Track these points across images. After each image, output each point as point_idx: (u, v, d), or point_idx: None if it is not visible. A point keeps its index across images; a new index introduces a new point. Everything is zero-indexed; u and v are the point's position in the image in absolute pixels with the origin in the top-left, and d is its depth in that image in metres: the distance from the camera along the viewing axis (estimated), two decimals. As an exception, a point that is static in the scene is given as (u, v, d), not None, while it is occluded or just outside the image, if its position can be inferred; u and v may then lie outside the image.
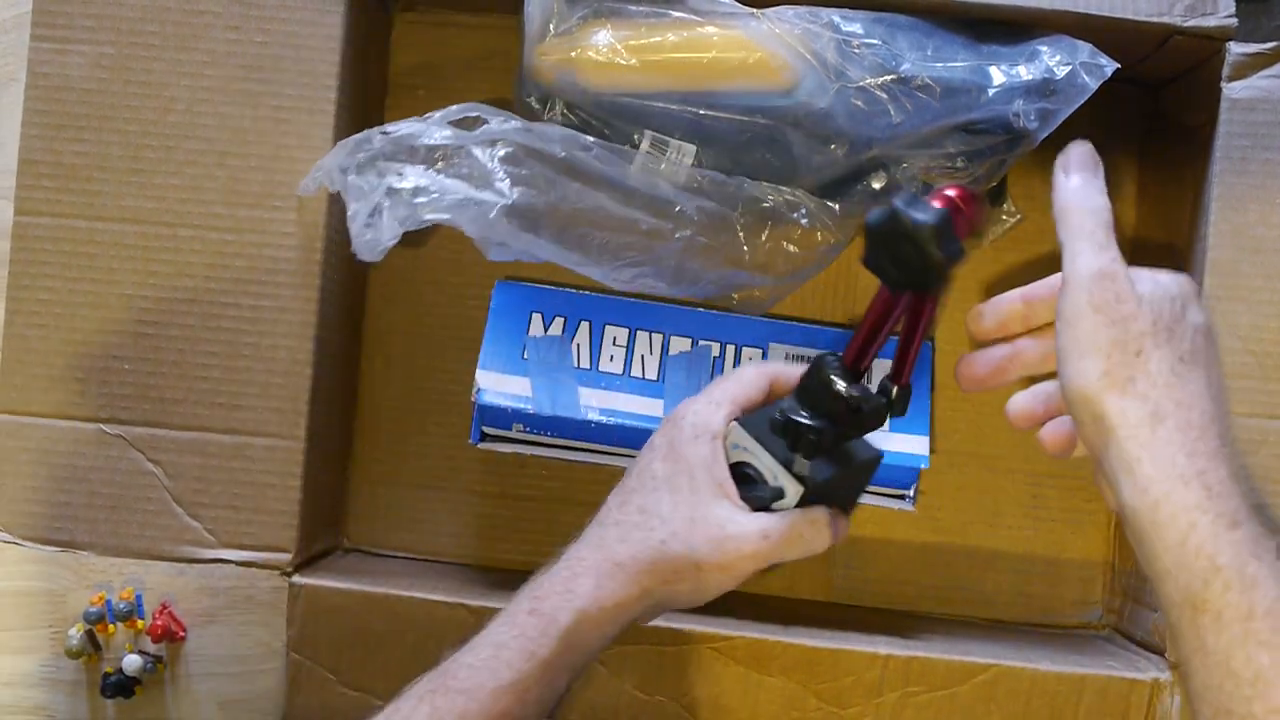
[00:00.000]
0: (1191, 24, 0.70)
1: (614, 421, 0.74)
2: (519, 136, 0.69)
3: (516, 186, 0.68)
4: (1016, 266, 0.82)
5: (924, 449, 0.76)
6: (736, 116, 0.69)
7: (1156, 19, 0.69)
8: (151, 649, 0.81)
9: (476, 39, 0.83)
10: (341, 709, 0.70)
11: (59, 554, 0.75)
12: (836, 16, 0.69)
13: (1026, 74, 0.69)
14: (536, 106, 0.71)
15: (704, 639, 0.71)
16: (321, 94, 0.72)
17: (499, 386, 0.75)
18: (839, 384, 0.57)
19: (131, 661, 0.79)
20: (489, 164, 0.68)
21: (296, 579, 0.71)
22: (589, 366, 0.76)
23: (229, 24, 0.72)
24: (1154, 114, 0.82)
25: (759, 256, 0.74)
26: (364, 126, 0.78)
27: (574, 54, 0.69)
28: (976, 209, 0.53)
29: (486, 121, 0.69)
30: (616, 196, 0.70)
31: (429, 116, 0.70)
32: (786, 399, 0.59)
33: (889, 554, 0.82)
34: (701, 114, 0.69)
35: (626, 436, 0.75)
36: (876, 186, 0.72)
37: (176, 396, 0.72)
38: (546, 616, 0.54)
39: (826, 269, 0.78)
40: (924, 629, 0.77)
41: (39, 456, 0.72)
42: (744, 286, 0.76)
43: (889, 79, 0.68)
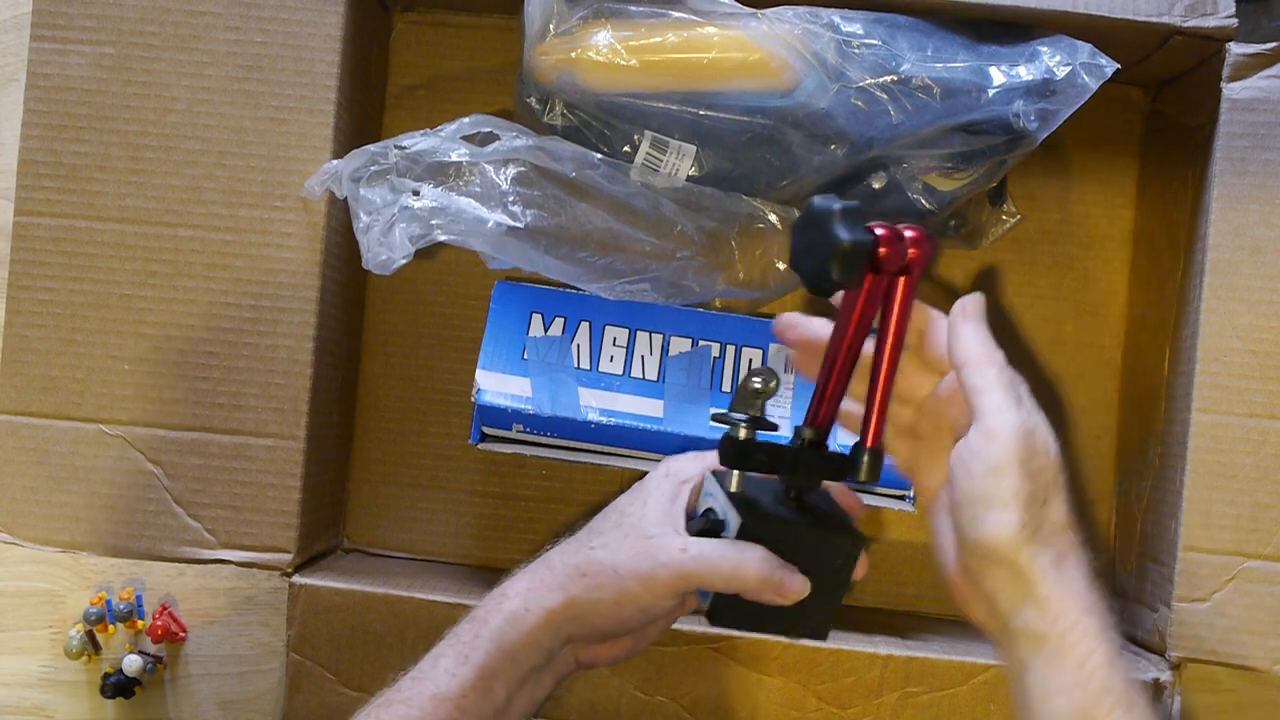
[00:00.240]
0: (1191, 24, 0.70)
1: (614, 421, 0.74)
2: (530, 155, 0.70)
3: (529, 209, 0.70)
4: (1017, 266, 0.82)
5: (924, 449, 0.76)
6: (736, 117, 0.69)
7: (1156, 19, 0.69)
8: (151, 649, 0.81)
9: (476, 39, 0.83)
10: (341, 709, 0.70)
11: (59, 554, 0.75)
12: (836, 17, 0.69)
13: (1026, 74, 0.69)
14: (536, 107, 0.71)
15: (704, 639, 0.71)
16: (321, 94, 0.72)
17: (499, 386, 0.75)
18: (736, 416, 0.55)
19: (131, 662, 0.79)
20: (502, 184, 0.70)
21: (296, 579, 0.71)
22: (589, 367, 0.76)
23: (229, 24, 0.72)
24: (1154, 114, 0.82)
25: (752, 273, 0.75)
26: (364, 127, 0.78)
27: (574, 54, 0.69)
28: (914, 246, 0.51)
29: (498, 136, 0.70)
30: (623, 217, 0.72)
31: (441, 130, 0.70)
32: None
33: (889, 554, 0.82)
34: (701, 114, 0.69)
35: (626, 436, 0.75)
36: (876, 186, 0.72)
37: (176, 396, 0.72)
38: (479, 621, 0.56)
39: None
40: (924, 629, 0.77)
41: (39, 456, 0.72)
42: (734, 299, 0.78)
43: (889, 79, 0.68)
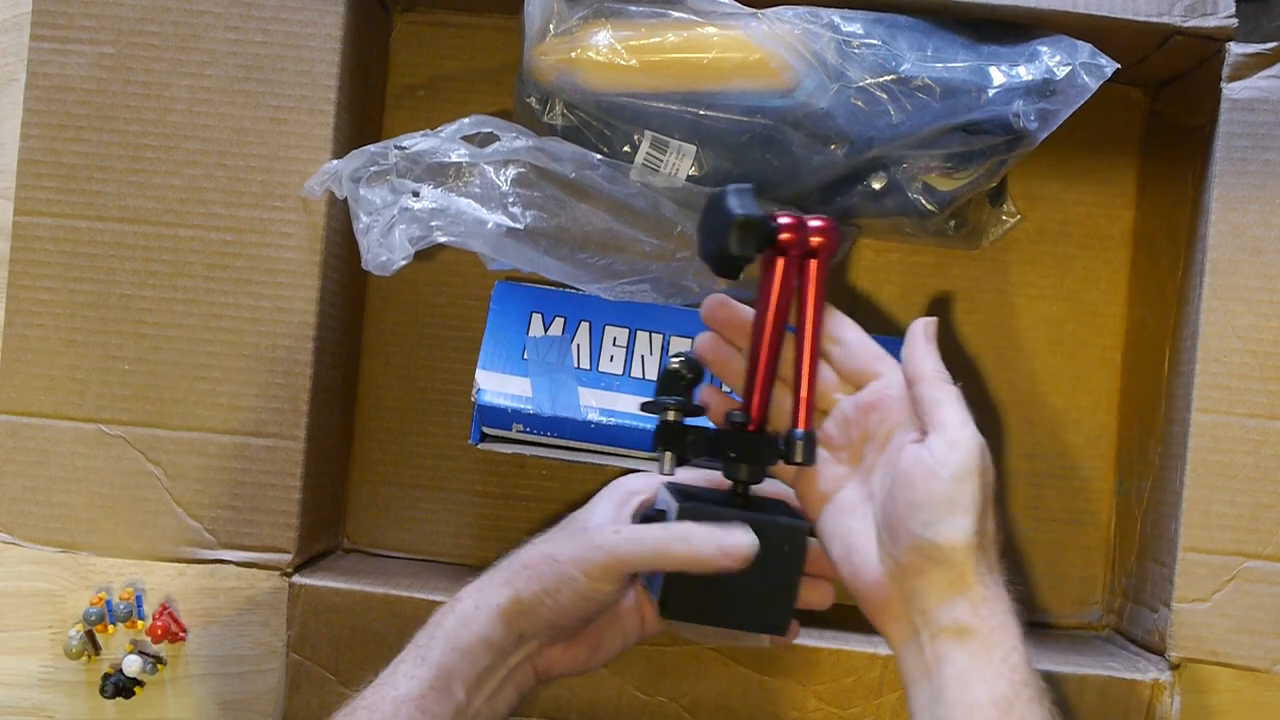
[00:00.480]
0: (1191, 24, 0.70)
1: (614, 421, 0.74)
2: (530, 156, 0.70)
3: (529, 210, 0.70)
4: (1017, 266, 0.82)
5: (924, 449, 0.76)
6: (736, 117, 0.69)
7: (1156, 19, 0.69)
8: (151, 649, 0.81)
9: (476, 39, 0.83)
10: (341, 709, 0.70)
11: (59, 554, 0.75)
12: (836, 16, 0.69)
13: (1026, 74, 0.69)
14: (536, 107, 0.71)
15: (704, 639, 0.71)
16: (321, 94, 0.72)
17: (499, 386, 0.75)
18: (664, 400, 0.58)
19: (131, 662, 0.79)
20: (502, 185, 0.70)
21: (296, 579, 0.71)
22: (589, 367, 0.76)
23: (229, 24, 0.72)
24: (1154, 114, 0.82)
25: (752, 273, 0.75)
26: (364, 127, 0.78)
27: (574, 54, 0.69)
28: (819, 235, 0.57)
29: (498, 137, 0.70)
30: (623, 218, 0.72)
31: (441, 131, 0.70)
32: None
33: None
34: (701, 114, 0.69)
35: (626, 436, 0.75)
36: (876, 187, 0.72)
37: (176, 396, 0.72)
38: (434, 624, 0.57)
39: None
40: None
41: (39, 456, 0.72)
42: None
43: (889, 79, 0.68)
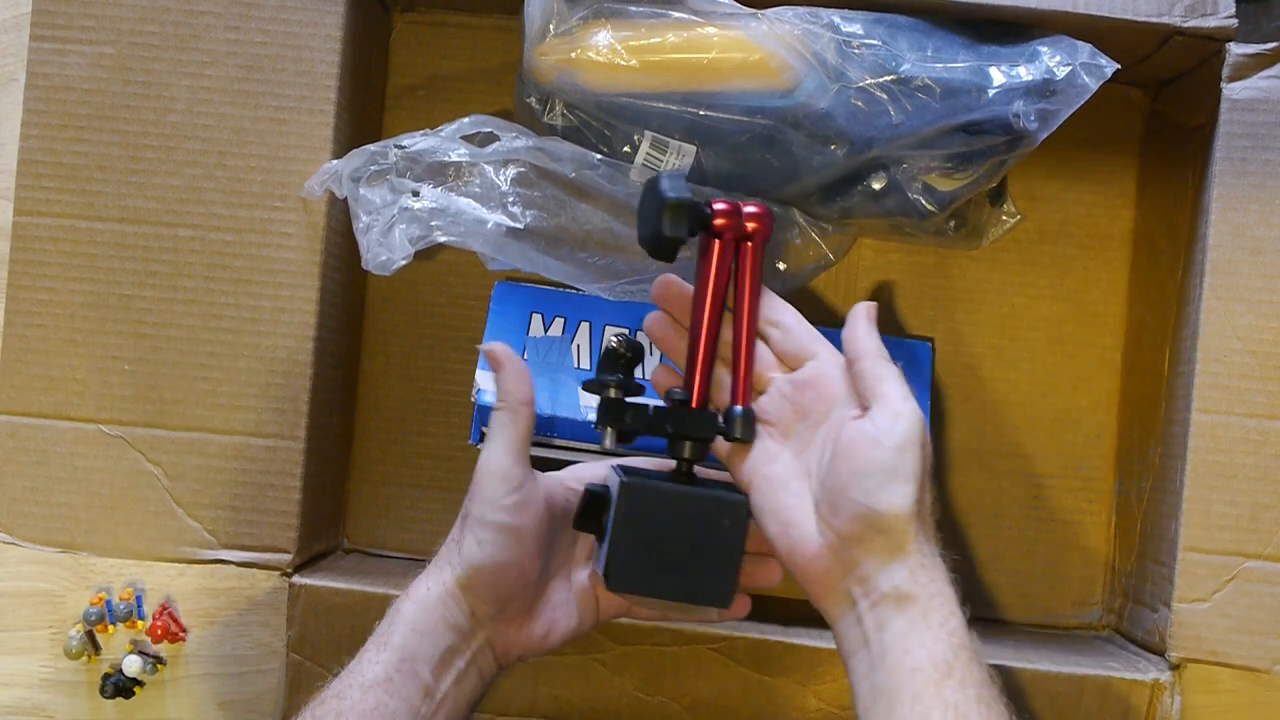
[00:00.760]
0: (1191, 24, 0.70)
1: (614, 422, 0.74)
2: (530, 156, 0.70)
3: (529, 210, 0.70)
4: (1017, 266, 0.82)
5: (924, 449, 0.76)
6: (736, 117, 0.69)
7: (1156, 19, 0.69)
8: (151, 649, 0.81)
9: (476, 39, 0.83)
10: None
11: (59, 554, 0.75)
12: (836, 17, 0.69)
13: (1026, 74, 0.69)
14: (536, 107, 0.71)
15: (704, 639, 0.71)
16: (321, 94, 0.72)
17: (499, 387, 0.75)
18: (605, 378, 0.61)
19: (131, 662, 0.79)
20: (502, 185, 0.70)
21: (296, 579, 0.71)
22: (589, 367, 0.76)
23: (229, 24, 0.72)
24: (1154, 114, 0.82)
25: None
26: (364, 127, 0.78)
27: (574, 54, 0.69)
28: (753, 220, 0.59)
29: (498, 137, 0.70)
30: (623, 218, 0.72)
31: (442, 130, 0.70)
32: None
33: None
34: (701, 114, 0.69)
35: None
36: (876, 187, 0.72)
37: (176, 396, 0.72)
38: (391, 611, 0.59)
39: (826, 270, 0.78)
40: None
41: (39, 456, 0.72)
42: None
43: (889, 79, 0.68)
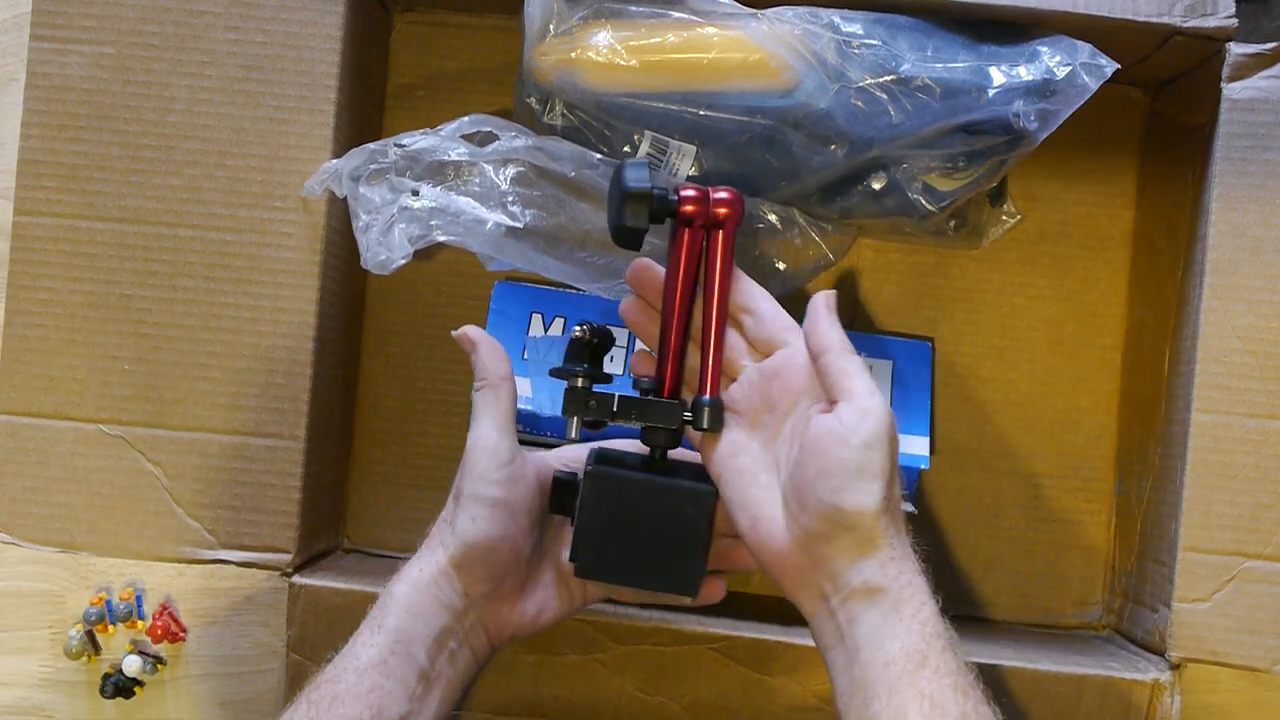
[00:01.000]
0: (1191, 24, 0.70)
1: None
2: (530, 155, 0.70)
3: (528, 209, 0.70)
4: (1017, 266, 0.82)
5: (924, 449, 0.76)
6: (736, 117, 0.69)
7: (1156, 19, 0.69)
8: (152, 649, 0.81)
9: (476, 39, 0.83)
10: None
11: (59, 554, 0.75)
12: (836, 17, 0.69)
13: (1026, 74, 0.69)
14: (536, 107, 0.71)
15: (704, 639, 0.71)
16: (321, 94, 0.72)
17: (499, 386, 0.75)
18: (571, 367, 0.62)
19: (131, 662, 0.79)
20: (501, 184, 0.70)
21: (296, 579, 0.71)
22: (589, 367, 0.76)
23: (229, 24, 0.72)
24: (1154, 114, 0.82)
25: (751, 273, 0.75)
26: (364, 126, 0.78)
27: (574, 54, 0.69)
28: (723, 206, 0.59)
29: (497, 136, 0.70)
30: None
31: (441, 129, 0.70)
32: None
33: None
34: (701, 114, 0.69)
35: (626, 437, 0.75)
36: (876, 187, 0.72)
37: (176, 396, 0.72)
38: (385, 594, 0.60)
39: (826, 270, 0.78)
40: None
41: (39, 456, 0.72)
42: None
43: (889, 79, 0.68)
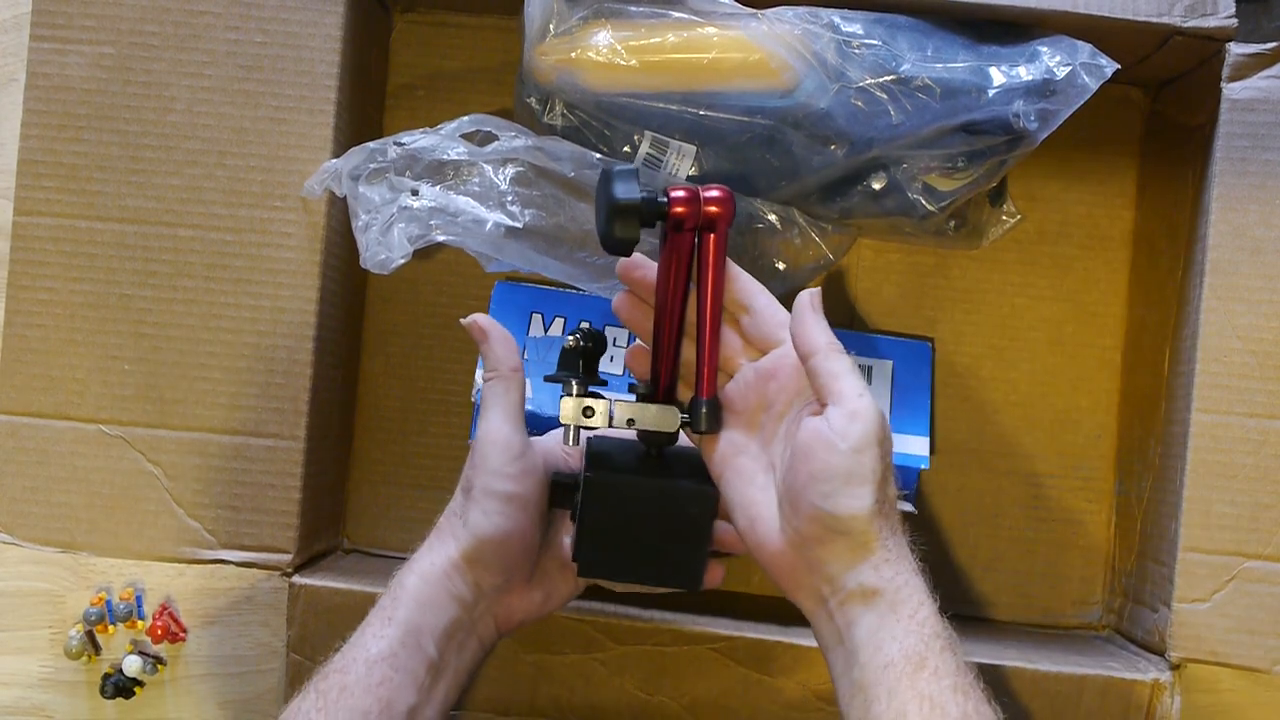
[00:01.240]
0: (1191, 24, 0.70)
1: (614, 421, 0.74)
2: (529, 155, 0.70)
3: (527, 209, 0.70)
4: (1017, 266, 0.82)
5: (924, 449, 0.76)
6: (736, 117, 0.69)
7: (1156, 19, 0.69)
8: (152, 649, 0.81)
9: (476, 39, 0.83)
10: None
11: (59, 554, 0.75)
12: (836, 17, 0.69)
13: (1026, 74, 0.69)
14: (536, 107, 0.71)
15: (704, 639, 0.71)
16: (321, 94, 0.72)
17: (499, 387, 0.75)
18: (565, 375, 0.62)
19: (131, 662, 0.79)
20: (501, 184, 0.70)
21: (296, 579, 0.71)
22: (589, 367, 0.76)
23: (229, 24, 0.72)
24: (1154, 114, 0.82)
25: (751, 273, 0.75)
26: (364, 126, 0.78)
27: (574, 54, 0.69)
28: (714, 205, 0.57)
29: (497, 136, 0.70)
30: None
31: (441, 129, 0.70)
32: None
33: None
34: (702, 114, 0.69)
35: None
36: (876, 187, 0.72)
37: (176, 396, 0.72)
38: (396, 585, 0.60)
39: (826, 270, 0.78)
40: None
41: (39, 456, 0.72)
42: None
43: (889, 79, 0.68)
